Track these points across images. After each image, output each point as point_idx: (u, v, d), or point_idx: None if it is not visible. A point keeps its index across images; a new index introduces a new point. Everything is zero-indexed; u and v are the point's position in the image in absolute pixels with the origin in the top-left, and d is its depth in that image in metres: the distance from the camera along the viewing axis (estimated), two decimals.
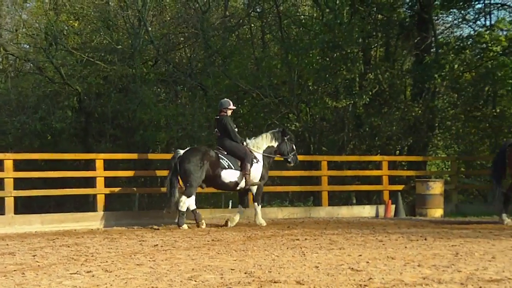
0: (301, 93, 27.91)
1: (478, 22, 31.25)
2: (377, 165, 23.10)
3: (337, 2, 27.91)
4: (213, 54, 31.04)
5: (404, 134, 27.29)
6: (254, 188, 17.74)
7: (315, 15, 31.85)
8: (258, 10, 31.95)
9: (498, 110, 27.94)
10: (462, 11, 29.80)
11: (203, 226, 17.02)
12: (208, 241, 13.55)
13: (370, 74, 27.44)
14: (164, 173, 20.15)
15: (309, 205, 22.45)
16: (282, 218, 19.63)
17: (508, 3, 31.35)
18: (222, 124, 17.41)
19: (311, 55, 27.57)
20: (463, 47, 26.92)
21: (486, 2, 29.81)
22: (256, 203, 17.76)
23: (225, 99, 18.45)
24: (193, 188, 16.88)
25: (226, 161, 17.12)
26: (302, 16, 31.83)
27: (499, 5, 31.13)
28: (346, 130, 27.48)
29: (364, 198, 26.26)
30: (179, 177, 17.03)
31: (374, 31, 28.34)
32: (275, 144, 17.88)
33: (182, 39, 34.29)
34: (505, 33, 25.55)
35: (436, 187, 21.15)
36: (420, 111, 27.21)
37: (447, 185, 22.32)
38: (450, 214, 21.45)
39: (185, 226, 16.78)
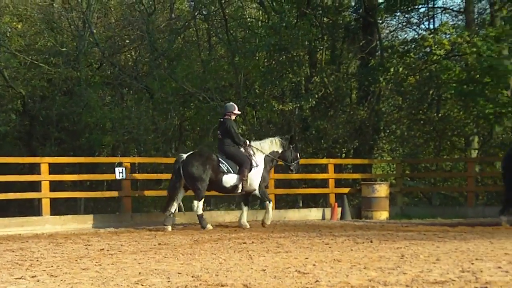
0: (247, 96, 27.94)
1: (422, 26, 31.67)
2: (323, 168, 23.20)
3: (283, 5, 28.00)
4: (159, 56, 30.92)
5: (350, 137, 27.44)
6: (257, 192, 17.93)
7: (261, 17, 31.93)
8: (204, 12, 31.91)
9: (442, 113, 28.26)
10: (406, 15, 30.14)
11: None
12: (154, 245, 13.48)
13: (316, 77, 27.56)
14: (110, 176, 20.05)
15: (256, 209, 22.47)
16: (229, 221, 19.61)
17: (451, 7, 31.79)
18: (225, 126, 17.62)
19: (257, 57, 27.65)
20: (408, 51, 27.18)
21: (430, 6, 30.16)
22: (267, 203, 18.01)
23: (231, 103, 18.64)
24: (202, 191, 17.27)
25: (226, 165, 17.36)
26: (248, 19, 31.86)
27: (442, 9, 31.55)
28: (292, 133, 27.55)
29: (310, 201, 26.34)
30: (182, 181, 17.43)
31: (320, 34, 28.47)
32: (280, 149, 18.16)
33: (127, 41, 34.10)
34: (448, 36, 25.85)
35: (382, 190, 21.31)
36: (365, 114, 27.41)
37: (392, 188, 22.49)
38: (395, 216, 21.62)
39: (209, 226, 17.28)
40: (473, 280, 8.28)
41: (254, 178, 17.65)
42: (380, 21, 30.37)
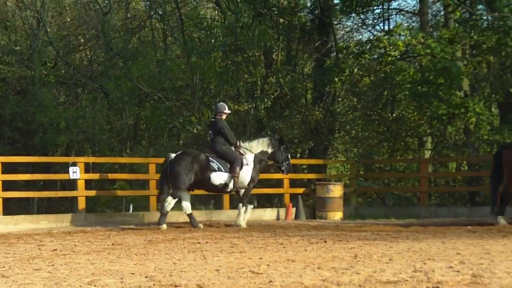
0: (203, 96, 27.91)
1: (377, 27, 31.86)
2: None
3: (239, 5, 28.01)
4: (114, 56, 30.78)
5: (305, 137, 27.55)
6: (243, 190, 18.06)
7: (217, 17, 31.93)
8: (159, 12, 31.85)
9: (396, 114, 28.48)
10: (362, 16, 30.29)
11: (201, 226, 17.37)
12: (108, 245, 13.41)
13: (271, 78, 27.63)
14: (64, 176, 19.94)
15: (210, 209, 22.46)
16: (184, 221, 19.55)
17: (405, 9, 32.02)
18: (217, 126, 17.72)
19: (213, 58, 27.61)
20: (363, 52, 27.29)
21: (385, 7, 30.36)
22: (240, 204, 18.07)
23: (221, 103, 18.67)
24: (180, 190, 17.29)
25: (216, 164, 17.46)
26: (204, 19, 31.83)
27: (397, 10, 31.77)
28: (248, 133, 27.56)
29: (265, 201, 26.39)
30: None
31: (275, 35, 28.53)
32: (269, 150, 18.25)
33: (82, 41, 33.91)
34: (402, 38, 26.03)
35: (336, 190, 21.40)
36: (320, 115, 27.54)
37: (346, 188, 22.60)
38: (349, 216, 21.74)
39: (164, 226, 17.12)
40: (425, 280, 8.36)
41: (244, 176, 17.80)
42: (336, 22, 30.53)
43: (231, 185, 17.70)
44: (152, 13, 32.17)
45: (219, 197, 22.18)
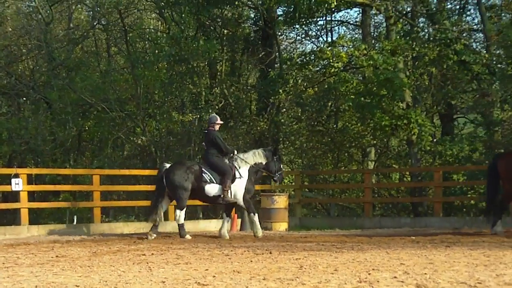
0: (147, 107, 27.81)
1: (320, 39, 32.12)
2: None
3: (183, 15, 28.00)
4: (57, 66, 30.51)
5: (250, 148, 27.56)
6: (241, 203, 18.00)
7: (161, 28, 31.86)
8: (103, 22, 31.67)
9: (340, 125, 28.69)
10: (305, 27, 30.51)
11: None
12: (52, 257, 13.25)
13: (216, 88, 27.66)
14: (6, 188, 19.67)
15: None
16: (129, 233, 19.43)
17: (348, 21, 32.34)
18: (210, 138, 17.72)
19: (157, 68, 27.54)
20: (306, 63, 27.46)
21: (328, 19, 30.62)
22: (251, 214, 18.07)
23: (213, 114, 18.90)
24: (184, 200, 17.42)
25: (208, 175, 17.48)
26: (148, 30, 31.74)
27: (340, 22, 32.07)
28: (192, 144, 27.54)
29: (210, 213, 26.34)
30: (165, 190, 17.54)
31: (220, 46, 28.57)
32: (264, 161, 18.18)
33: (24, 50, 33.52)
34: (345, 49, 26.28)
35: (281, 201, 21.44)
36: (265, 126, 27.61)
37: (291, 199, 22.67)
38: (294, 227, 21.79)
39: (188, 237, 17.31)
40: None
41: (238, 189, 17.78)
42: (279, 33, 30.69)
43: (221, 197, 17.78)
44: (95, 23, 31.99)
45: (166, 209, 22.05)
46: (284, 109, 29.68)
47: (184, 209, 17.53)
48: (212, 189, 17.58)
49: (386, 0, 25.47)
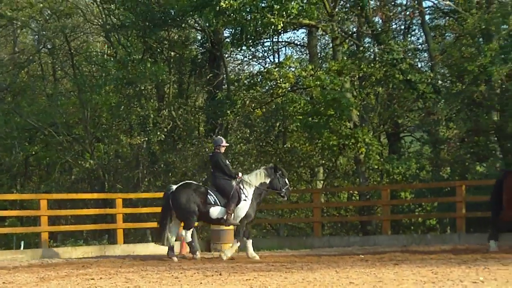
0: (95, 131, 27.65)
1: (268, 60, 32.28)
2: None
3: (129, 38, 27.95)
4: (2, 90, 30.22)
5: (199, 169, 27.54)
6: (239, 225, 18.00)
7: (108, 51, 31.76)
8: (48, 46, 31.47)
9: (288, 145, 28.79)
10: (252, 49, 30.62)
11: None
12: None
13: (164, 111, 27.60)
14: None
15: (104, 243, 22.18)
16: (77, 257, 19.25)
17: (295, 42, 32.55)
18: (214, 161, 17.86)
19: (104, 92, 27.42)
20: (254, 84, 27.57)
21: (274, 40, 30.79)
22: (245, 238, 18.00)
23: (219, 137, 19.21)
24: (190, 220, 17.63)
25: (213, 198, 17.56)
26: (95, 53, 31.61)
27: (287, 43, 32.26)
28: (141, 167, 27.42)
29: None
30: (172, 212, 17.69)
31: (167, 68, 28.55)
32: (267, 180, 18.09)
33: None
34: (293, 70, 26.41)
35: None
36: (213, 147, 27.56)
37: None
38: (244, 248, 21.71)
39: (198, 254, 17.82)
40: None
41: (242, 211, 17.77)
42: (227, 55, 30.76)
43: (225, 220, 17.83)
44: (41, 47, 31.76)
45: (113, 232, 21.94)
46: (233, 130, 29.71)
47: (191, 230, 17.79)
48: (216, 211, 17.65)
49: (332, 21, 25.69)
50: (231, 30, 27.61)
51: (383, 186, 23.60)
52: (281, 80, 25.83)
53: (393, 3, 29.61)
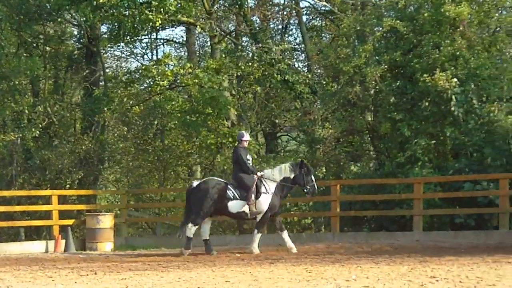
0: None
1: (146, 57, 32.10)
2: (47, 200, 22.68)
3: (3, 32, 27.30)
4: None
5: (75, 167, 27.17)
6: (259, 216, 17.71)
7: None
8: None
9: (166, 144, 28.69)
10: (130, 45, 30.39)
11: (215, 253, 17.50)
12: None
13: (39, 107, 27.08)
14: None
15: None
16: None
17: (173, 39, 32.48)
18: (235, 155, 18.00)
19: None
20: (132, 81, 27.37)
21: (153, 37, 30.64)
22: (256, 230, 17.83)
23: (241, 131, 19.54)
24: (200, 217, 17.55)
25: (233, 192, 17.53)
26: None
27: (165, 40, 32.16)
28: (14, 164, 26.83)
29: (33, 234, 25.73)
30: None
31: (42, 63, 28.02)
32: (291, 175, 17.88)
33: None
34: (171, 67, 26.32)
35: (106, 221, 21.15)
36: (90, 144, 27.25)
37: (117, 219, 22.41)
38: (120, 247, 21.56)
39: (187, 252, 17.58)
40: None
41: (263, 204, 17.59)
42: (104, 51, 30.44)
43: (248, 212, 17.63)
44: None
45: None
46: (110, 128, 29.41)
47: (197, 225, 17.74)
48: (236, 205, 17.58)
49: (210, 19, 25.76)
50: (108, 25, 27.33)
51: None
52: (159, 77, 25.69)
53: (270, 2, 29.93)
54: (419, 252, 15.84)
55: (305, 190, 18.29)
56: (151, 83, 26.78)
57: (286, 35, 30.23)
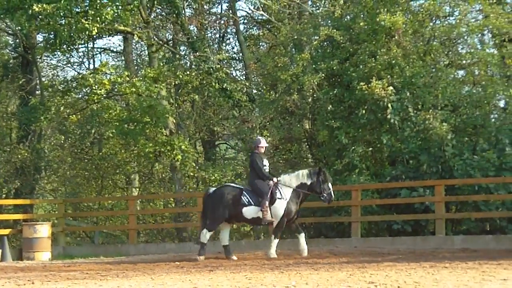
0: None
1: (83, 65, 31.88)
2: None
3: None
4: None
5: (11, 177, 26.88)
6: (276, 222, 17.54)
7: None
8: None
9: (104, 152, 28.54)
10: (67, 54, 30.15)
11: (235, 258, 17.43)
12: None
13: None
14: None
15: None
16: None
17: (110, 48, 32.32)
18: (251, 161, 17.90)
19: None
20: (69, 90, 27.13)
21: (89, 46, 30.45)
22: (273, 236, 17.60)
23: (258, 137, 19.07)
24: (214, 223, 17.62)
25: (247, 198, 17.37)
26: None
27: (102, 49, 31.98)
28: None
29: None
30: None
31: None
32: (308, 181, 17.63)
33: None
34: (108, 76, 26.19)
35: (43, 230, 20.96)
36: (26, 153, 26.99)
37: (54, 228, 22.23)
38: (58, 256, 21.38)
39: (202, 258, 17.32)
40: None
41: (278, 209, 17.38)
42: (40, 60, 30.16)
43: (262, 218, 17.47)
44: None
45: None
46: (47, 137, 29.15)
47: (211, 232, 17.77)
48: (250, 211, 17.40)
49: (148, 28, 25.71)
50: (44, 34, 27.07)
51: (199, 193, 23.76)
52: (96, 86, 25.52)
53: (208, 11, 29.97)
54: (358, 258, 16.01)
55: (321, 198, 18.12)
56: (88, 92, 26.58)
57: (224, 44, 30.33)
